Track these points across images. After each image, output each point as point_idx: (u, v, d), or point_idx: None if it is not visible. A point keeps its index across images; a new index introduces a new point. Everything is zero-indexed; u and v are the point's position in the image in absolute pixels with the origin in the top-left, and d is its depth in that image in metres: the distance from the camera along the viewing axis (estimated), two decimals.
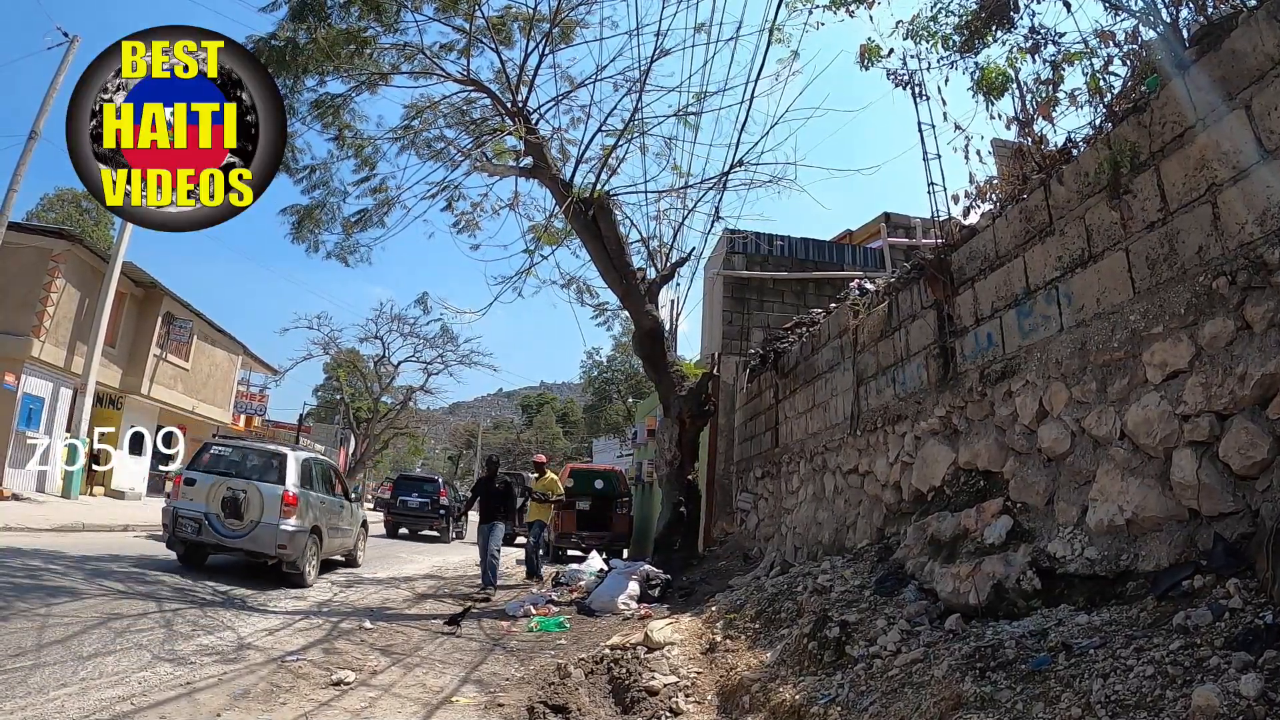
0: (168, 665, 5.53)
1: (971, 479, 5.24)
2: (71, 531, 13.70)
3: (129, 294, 22.30)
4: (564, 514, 17.85)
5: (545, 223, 12.87)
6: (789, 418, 9.70)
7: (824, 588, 5.66)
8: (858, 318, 7.59)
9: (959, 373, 5.56)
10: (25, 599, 7.08)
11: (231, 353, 30.11)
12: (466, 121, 12.39)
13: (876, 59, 6.17)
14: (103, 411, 21.30)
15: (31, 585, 7.82)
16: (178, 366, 25.31)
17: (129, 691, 4.80)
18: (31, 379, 19.10)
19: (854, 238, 16.91)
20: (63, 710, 4.35)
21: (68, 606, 6.98)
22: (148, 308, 23.52)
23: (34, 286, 18.93)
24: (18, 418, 18.67)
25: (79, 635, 6.10)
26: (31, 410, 19.28)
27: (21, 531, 12.48)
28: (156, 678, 5.17)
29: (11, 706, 4.29)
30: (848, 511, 7.29)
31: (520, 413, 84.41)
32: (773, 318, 13.55)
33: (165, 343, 24.36)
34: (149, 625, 6.72)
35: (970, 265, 5.53)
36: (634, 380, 49.01)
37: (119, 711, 4.43)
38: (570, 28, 11.67)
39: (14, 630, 5.97)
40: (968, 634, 3.88)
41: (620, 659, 5.68)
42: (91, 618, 6.64)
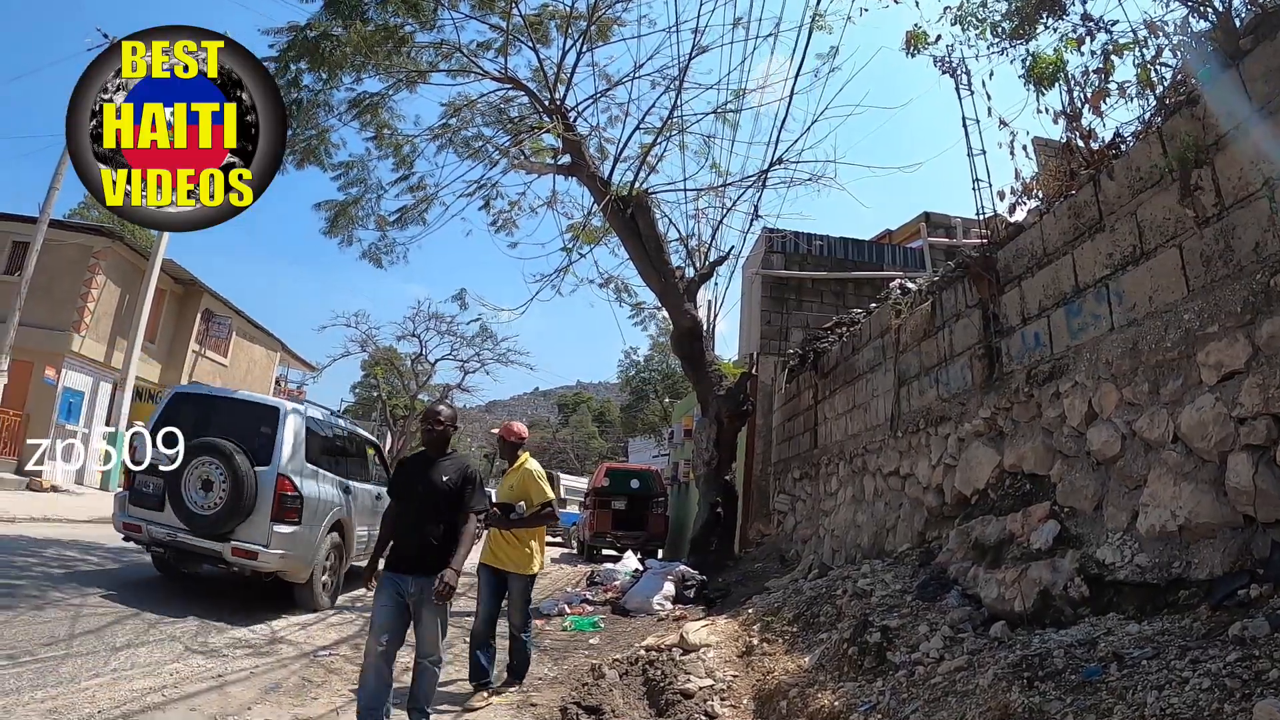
0: (199, 657, 5.62)
1: (1017, 482, 5.12)
2: (109, 523, 14.00)
3: (169, 290, 22.85)
4: (599, 513, 17.88)
5: (584, 221, 12.91)
6: (828, 418, 9.59)
7: (864, 592, 5.56)
8: (900, 317, 7.47)
9: (1005, 373, 5.44)
10: (60, 589, 7.19)
11: (270, 349, 30.66)
12: (504, 120, 12.46)
13: (923, 45, 6.04)
14: (142, 406, 21.79)
15: (66, 575, 7.96)
16: (216, 362, 25.86)
17: (160, 683, 4.86)
18: (72, 373, 19.69)
19: (893, 237, 16.71)
20: (94, 700, 4.41)
21: (101, 597, 7.08)
22: (187, 304, 24.09)
23: (75, 283, 19.54)
24: (58, 411, 19.29)
25: (112, 625, 6.18)
26: (71, 404, 19.88)
27: (60, 522, 12.79)
28: (188, 669, 5.25)
29: (43, 695, 4.37)
30: (888, 514, 7.18)
31: (556, 412, 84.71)
32: (811, 317, 13.43)
33: (204, 339, 24.93)
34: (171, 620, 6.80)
35: (1017, 263, 5.41)
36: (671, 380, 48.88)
37: (150, 703, 4.49)
38: (607, 25, 11.68)
39: (47, 619, 6.08)
40: (1013, 642, 3.78)
41: (655, 660, 5.64)
42: (124, 611, 6.74)
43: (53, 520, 12.86)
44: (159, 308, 22.14)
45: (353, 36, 10.05)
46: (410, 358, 44.33)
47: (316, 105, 11.50)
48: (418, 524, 4.28)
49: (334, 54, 10.37)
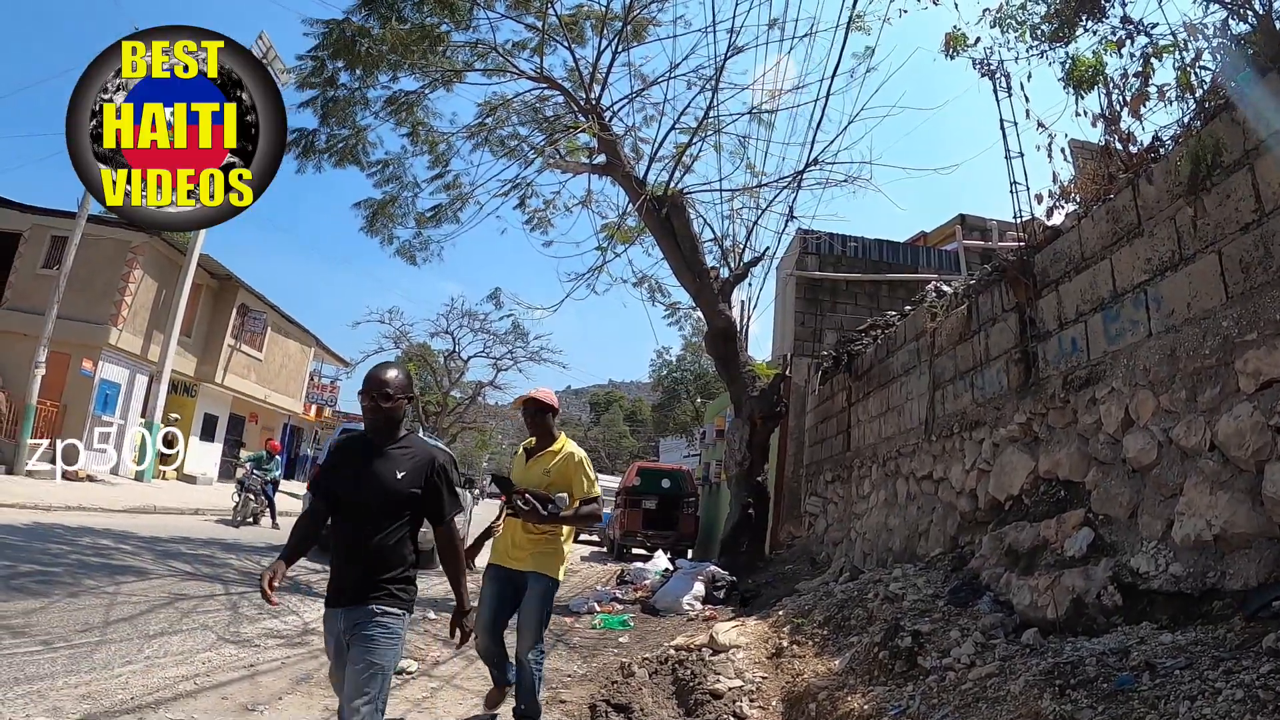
0: (232, 647, 5.71)
1: (1052, 489, 5.07)
2: (143, 513, 14.35)
3: (205, 285, 23.36)
4: (630, 512, 17.94)
5: (618, 220, 12.97)
6: (861, 421, 9.55)
7: (896, 596, 5.55)
8: (935, 320, 7.43)
9: (1041, 378, 5.39)
10: (94, 576, 7.36)
11: (304, 344, 31.15)
12: (540, 119, 12.57)
13: (962, 48, 6.01)
14: (177, 398, 22.32)
15: (101, 564, 8.15)
16: (251, 356, 26.38)
17: (192, 671, 4.92)
18: (108, 365, 20.25)
19: (928, 240, 16.57)
20: (126, 686, 4.48)
21: (135, 585, 7.23)
22: (223, 299, 24.59)
23: (113, 277, 20.06)
24: (94, 402, 19.82)
25: (145, 614, 6.30)
26: (108, 395, 20.42)
27: (95, 512, 13.12)
28: (220, 658, 5.32)
29: (76, 680, 4.44)
30: (920, 518, 7.15)
31: (588, 410, 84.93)
32: (846, 319, 13.36)
33: (240, 333, 25.44)
34: (215, 607, 6.96)
35: (1054, 267, 5.36)
36: (703, 380, 48.83)
37: (182, 690, 4.55)
38: (642, 26, 11.73)
39: (82, 606, 6.22)
40: (1045, 649, 3.76)
41: (685, 660, 5.67)
42: (158, 597, 6.88)
43: (88, 509, 13.17)
44: (195, 302, 22.62)
45: (389, 35, 10.21)
46: (443, 354, 44.71)
47: (353, 103, 11.70)
48: (360, 542, 3.03)
49: (370, 52, 10.54)
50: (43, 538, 9.36)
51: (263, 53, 20.58)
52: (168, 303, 20.94)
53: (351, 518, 3.08)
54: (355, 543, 3.05)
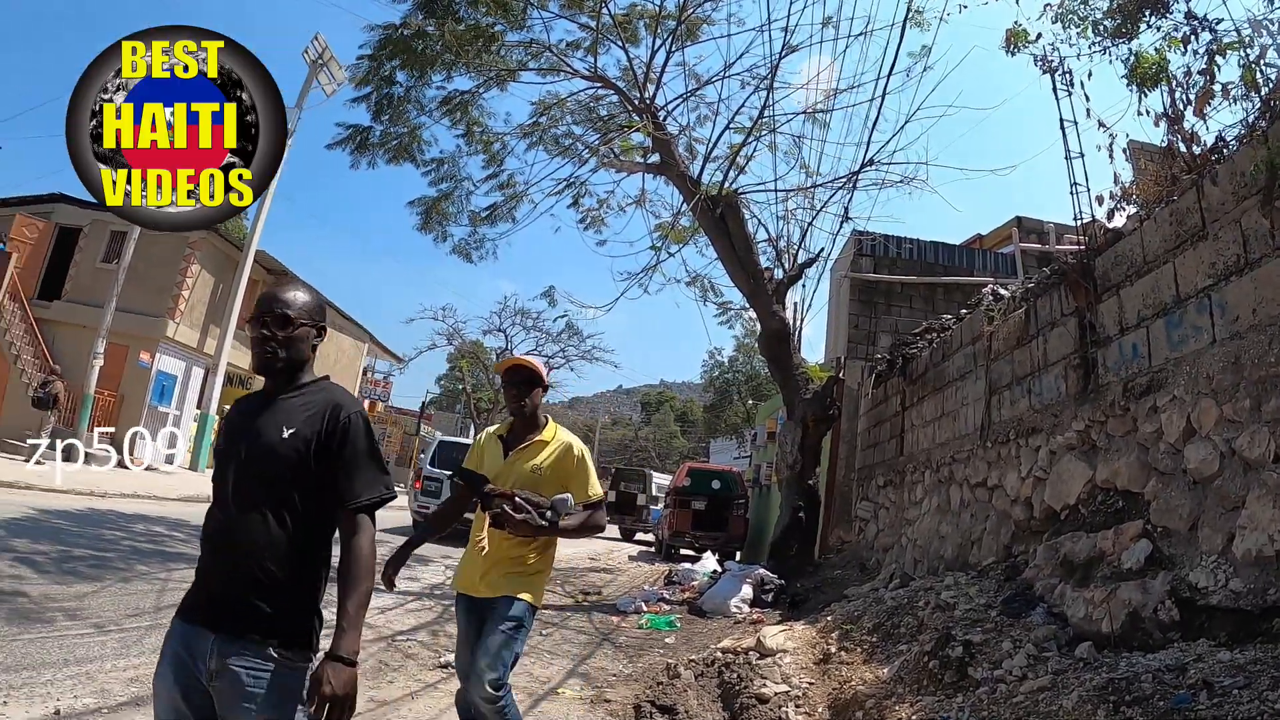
0: None
1: (1109, 499, 4.94)
2: (196, 502, 14.71)
3: (261, 281, 23.95)
4: (679, 512, 17.91)
5: (672, 220, 12.98)
6: (915, 426, 9.41)
7: (947, 604, 5.46)
8: (992, 324, 7.29)
9: (1100, 385, 5.26)
10: (146, 562, 7.54)
11: (358, 340, 31.77)
12: (594, 118, 12.66)
13: (1023, 44, 5.89)
14: (232, 390, 22.90)
15: (154, 550, 8.35)
16: None
17: None
18: (165, 357, 20.99)
19: (984, 242, 16.24)
20: None
21: (187, 573, 7.36)
22: None
23: (171, 271, 20.77)
24: (151, 393, 20.52)
25: None
26: (164, 387, 21.17)
27: (149, 499, 13.46)
28: None
29: (126, 664, 4.57)
30: (973, 526, 7.02)
31: (639, 410, 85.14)
32: (900, 322, 13.18)
33: None
34: None
35: (1115, 271, 5.22)
36: (754, 382, 48.59)
37: None
38: (696, 25, 11.74)
39: (134, 591, 6.37)
40: (1100, 664, 3.67)
41: (731, 663, 5.66)
42: None
43: (142, 497, 13.54)
44: (251, 297, 23.21)
45: (445, 35, 10.37)
46: (495, 352, 45.18)
47: (408, 102, 11.93)
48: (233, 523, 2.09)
49: (426, 52, 10.73)
50: (97, 523, 9.62)
51: (319, 53, 21.12)
52: (224, 297, 21.57)
53: (219, 499, 2.15)
54: (228, 526, 2.09)
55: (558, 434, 3.52)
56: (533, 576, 3.40)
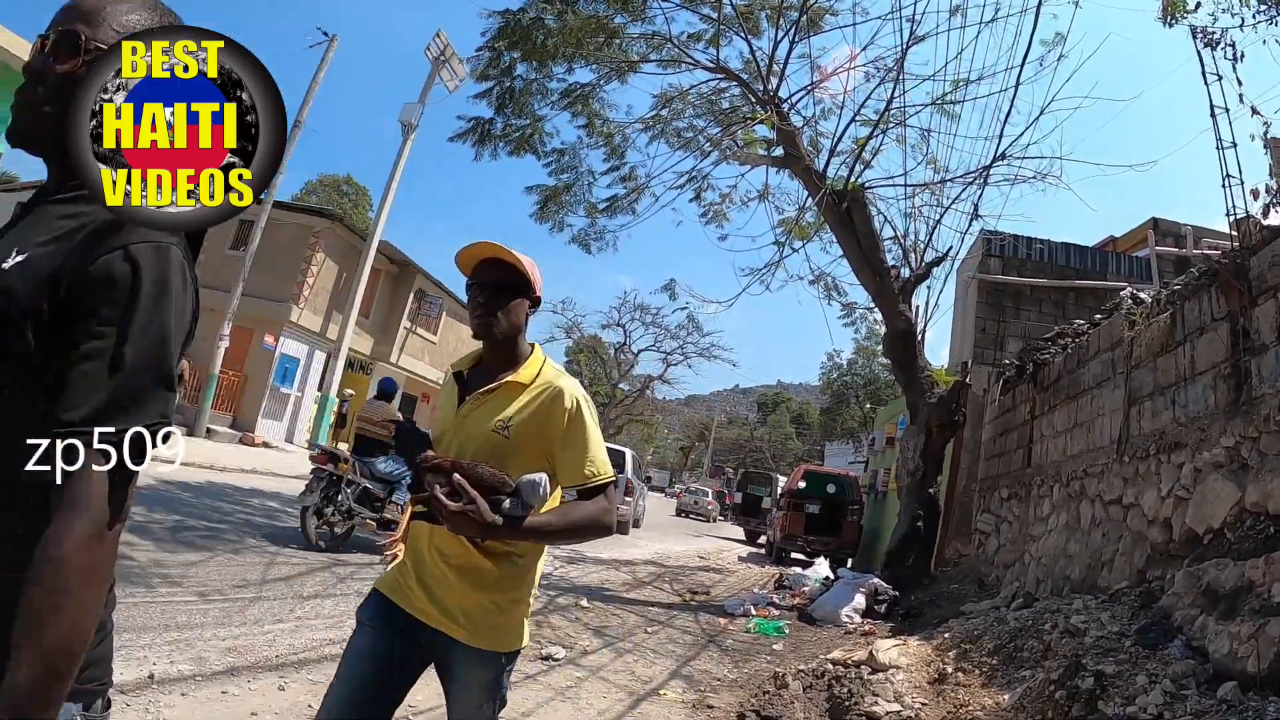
0: None
1: (1260, 524, 4.49)
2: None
3: (384, 270, 25.04)
4: (792, 515, 17.59)
5: (796, 215, 12.74)
6: (1044, 436, 8.89)
7: (1076, 629, 5.10)
8: (1133, 329, 6.78)
9: (1254, 397, 4.79)
10: (257, 536, 7.77)
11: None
12: (716, 111, 12.55)
13: (1182, 14, 5.46)
14: (352, 375, 23.96)
15: (267, 524, 8.63)
16: (426, 339, 28.02)
17: (341, 635, 4.84)
18: (289, 341, 22.20)
19: (1117, 245, 15.22)
20: (273, 644, 4.62)
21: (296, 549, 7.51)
22: (401, 283, 26.30)
23: (296, 259, 21.95)
24: (274, 374, 21.75)
25: (302, 576, 6.49)
26: (287, 369, 22.39)
27: (268, 475, 14.09)
28: None
29: (225, 634, 4.66)
30: (1104, 546, 6.55)
31: (755, 410, 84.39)
32: (1029, 327, 12.49)
33: (416, 316, 27.07)
34: (373, 575, 7.28)
35: (1273, 271, 4.74)
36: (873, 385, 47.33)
37: (327, 654, 4.61)
38: (819, 15, 11.49)
39: (243, 563, 6.55)
40: (1245, 707, 3.34)
41: (842, 676, 5.47)
42: (317, 561, 7.12)
43: (260, 473, 14.21)
44: (374, 285, 24.28)
45: (566, 28, 10.48)
46: (614, 346, 45.66)
47: (529, 94, 12.13)
48: None
49: (546, 43, 10.87)
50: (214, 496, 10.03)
51: (440, 50, 21.79)
52: (347, 285, 22.59)
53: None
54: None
55: (543, 372, 2.08)
56: (512, 613, 2.06)
